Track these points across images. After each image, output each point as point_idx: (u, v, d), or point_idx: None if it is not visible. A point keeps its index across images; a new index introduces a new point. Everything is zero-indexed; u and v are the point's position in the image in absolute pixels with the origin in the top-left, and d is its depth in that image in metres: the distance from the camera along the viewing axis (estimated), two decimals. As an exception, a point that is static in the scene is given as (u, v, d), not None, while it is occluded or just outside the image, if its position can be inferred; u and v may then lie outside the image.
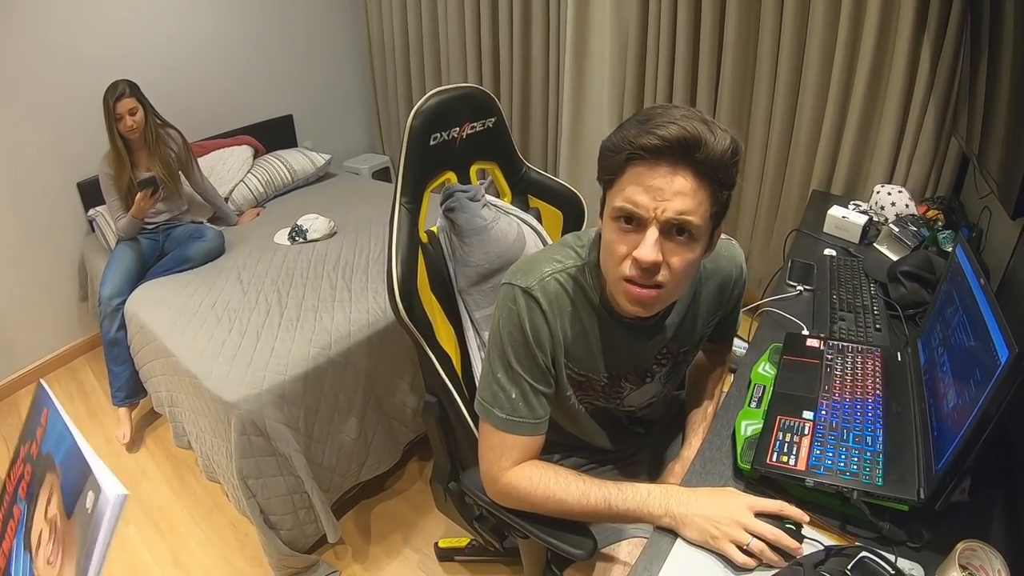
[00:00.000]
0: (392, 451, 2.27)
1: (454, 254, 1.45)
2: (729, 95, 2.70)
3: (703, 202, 0.93)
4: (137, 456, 2.61)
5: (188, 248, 2.75)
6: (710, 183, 0.93)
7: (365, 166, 4.21)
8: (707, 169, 0.91)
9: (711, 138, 0.89)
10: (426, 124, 1.34)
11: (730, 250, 1.24)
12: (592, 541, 1.12)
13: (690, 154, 0.90)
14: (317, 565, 2.05)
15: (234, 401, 1.89)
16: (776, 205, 2.82)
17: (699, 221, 0.93)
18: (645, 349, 1.19)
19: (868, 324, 1.53)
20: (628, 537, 1.20)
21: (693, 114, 0.91)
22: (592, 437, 1.33)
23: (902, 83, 2.28)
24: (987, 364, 0.93)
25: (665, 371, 1.25)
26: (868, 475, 1.03)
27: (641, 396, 1.27)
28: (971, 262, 1.15)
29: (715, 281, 1.22)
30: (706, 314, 1.24)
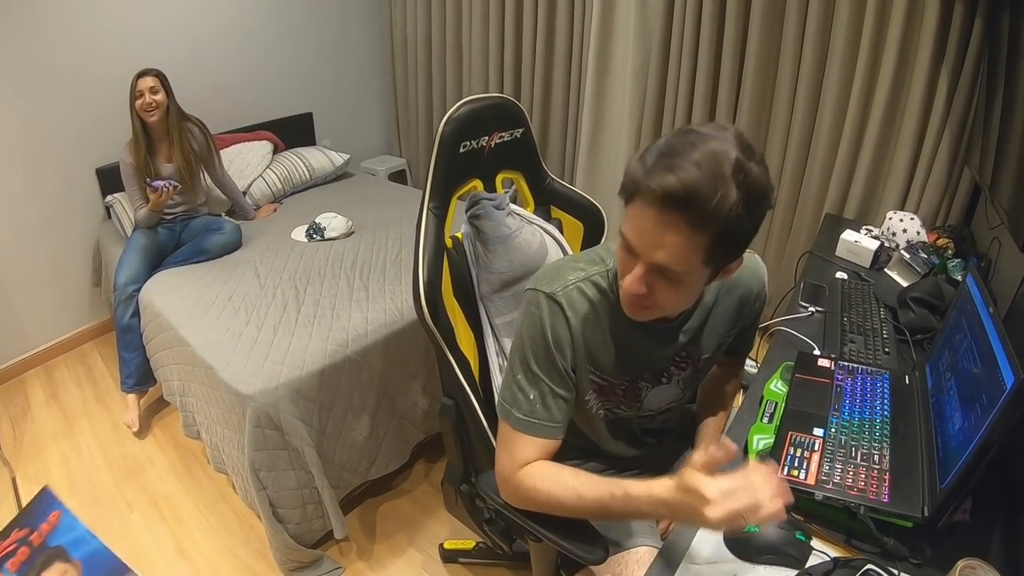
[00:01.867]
0: (401, 451, 2.28)
1: (478, 260, 1.48)
2: (748, 114, 2.73)
3: (693, 252, 0.91)
4: (144, 443, 2.63)
5: (205, 240, 2.77)
6: (707, 234, 0.89)
7: (382, 168, 4.24)
8: (702, 222, 0.88)
9: (711, 197, 0.85)
10: (457, 131, 1.37)
11: (753, 263, 1.26)
12: (604, 547, 1.15)
13: (678, 205, 0.87)
14: (321, 561, 2.06)
15: (250, 394, 1.91)
16: (789, 227, 2.85)
17: (682, 269, 0.92)
18: (663, 351, 1.21)
19: (877, 347, 1.56)
20: (638, 546, 1.23)
21: (712, 158, 0.86)
22: (605, 443, 1.35)
23: (918, 112, 2.31)
24: (993, 389, 0.97)
25: (684, 375, 1.26)
26: (875, 491, 1.07)
27: (659, 398, 1.27)
28: (981, 290, 1.19)
29: (737, 293, 1.23)
30: (725, 324, 1.25)
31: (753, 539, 1.04)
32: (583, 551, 1.14)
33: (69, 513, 0.86)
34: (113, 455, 2.56)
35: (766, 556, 1.02)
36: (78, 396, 2.93)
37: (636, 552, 1.22)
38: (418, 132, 4.25)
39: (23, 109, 2.80)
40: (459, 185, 1.44)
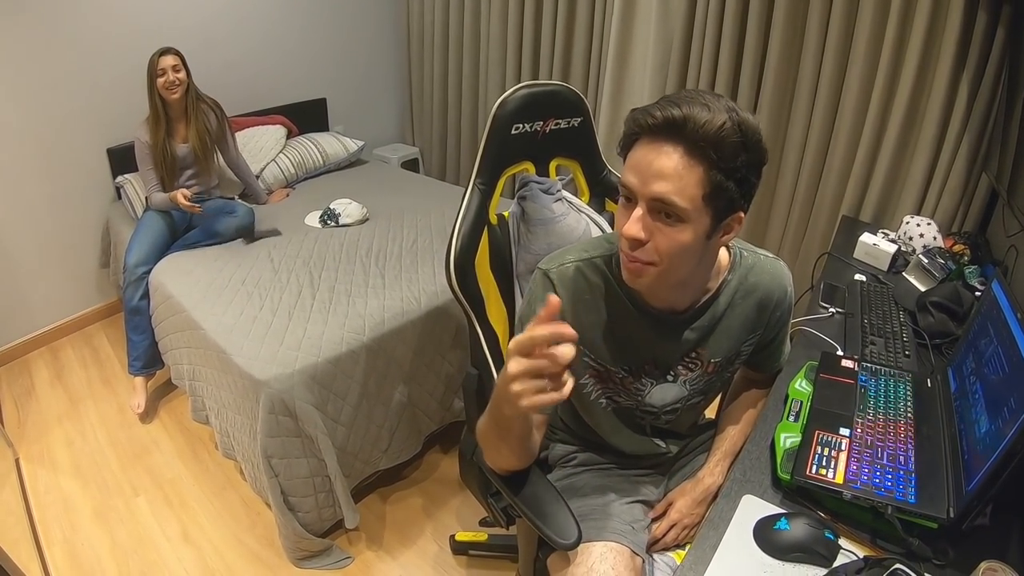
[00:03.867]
0: (414, 441, 2.28)
1: (519, 240, 1.49)
2: (767, 115, 2.73)
3: (692, 183, 0.93)
4: (150, 427, 2.63)
5: (218, 222, 2.76)
6: (702, 161, 0.92)
7: (394, 155, 4.24)
8: (697, 147, 0.92)
9: (702, 116, 0.90)
10: (511, 114, 1.39)
11: (776, 269, 1.25)
12: (578, 534, 1.14)
13: (679, 131, 0.92)
14: (331, 550, 2.06)
15: (265, 379, 1.90)
16: (804, 227, 2.84)
17: (683, 203, 0.94)
18: (669, 345, 1.21)
19: (898, 350, 1.56)
20: (607, 540, 1.22)
21: (700, 99, 0.93)
22: (608, 435, 1.35)
23: (938, 117, 2.31)
24: (1021, 394, 0.97)
25: (692, 376, 1.26)
26: (901, 492, 1.07)
27: (663, 395, 1.27)
28: (1008, 297, 1.19)
29: (755, 297, 1.23)
30: (742, 329, 1.24)
31: (782, 537, 1.04)
32: (555, 533, 1.14)
33: None
34: (118, 438, 2.56)
35: (795, 554, 1.02)
36: (83, 378, 2.92)
37: (604, 545, 1.22)
38: (432, 121, 4.23)
39: (35, 87, 2.78)
40: (509, 165, 1.46)
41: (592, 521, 1.27)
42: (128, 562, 2.04)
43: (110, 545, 2.10)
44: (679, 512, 1.29)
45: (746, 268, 1.22)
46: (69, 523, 2.18)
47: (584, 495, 1.35)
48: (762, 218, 2.99)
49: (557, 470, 1.44)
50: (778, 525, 1.05)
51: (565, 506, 1.18)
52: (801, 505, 1.12)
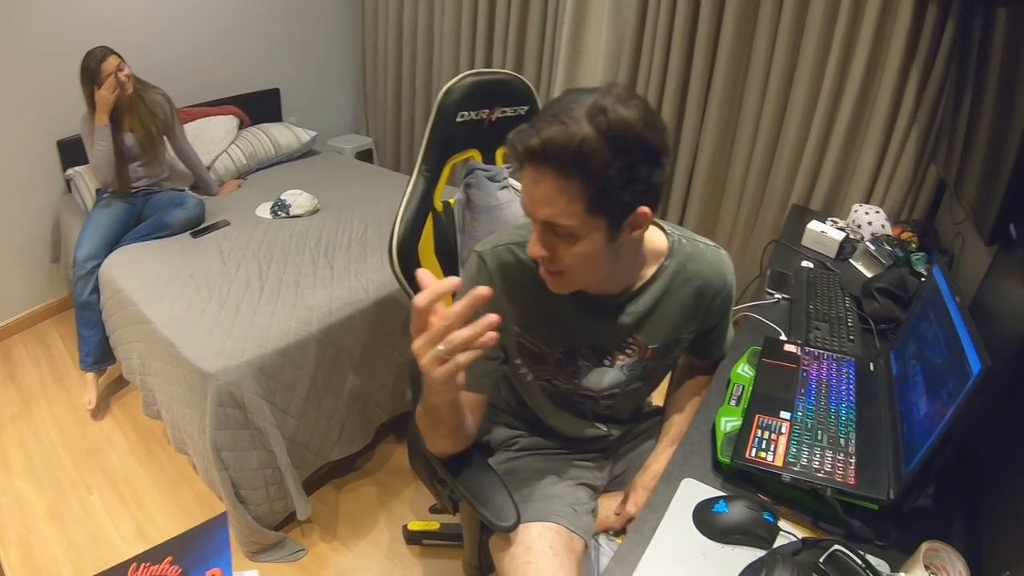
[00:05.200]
0: (365, 432, 2.28)
1: (464, 227, 1.50)
2: (718, 107, 2.75)
3: (570, 202, 0.93)
4: (103, 424, 2.58)
5: (168, 215, 2.72)
6: (576, 179, 0.92)
7: (349, 146, 4.20)
8: (564, 167, 0.92)
9: (559, 137, 0.90)
10: (456, 102, 1.40)
11: (716, 258, 1.26)
12: (516, 517, 1.16)
13: (543, 159, 0.92)
14: (284, 542, 2.05)
15: (213, 372, 1.87)
16: (755, 216, 2.87)
17: (567, 222, 0.95)
18: (604, 330, 1.21)
19: (842, 335, 1.58)
20: (546, 520, 1.23)
21: (565, 109, 0.91)
22: (548, 417, 1.36)
23: (887, 109, 2.35)
24: (959, 376, 0.99)
25: (629, 362, 1.26)
26: (841, 474, 1.08)
27: (599, 379, 1.27)
28: (948, 281, 1.21)
29: (694, 284, 1.23)
30: (680, 316, 1.25)
31: (721, 520, 1.04)
32: (493, 516, 1.16)
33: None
34: (72, 436, 2.51)
35: (734, 536, 1.03)
36: (36, 376, 2.85)
37: (543, 526, 1.23)
38: (386, 111, 4.20)
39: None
40: (455, 153, 1.47)
41: (532, 503, 1.28)
42: (83, 561, 2.01)
43: (65, 545, 2.06)
44: (636, 506, 1.28)
45: (684, 255, 1.22)
46: (24, 524, 2.14)
47: (525, 478, 1.35)
48: (713, 207, 3.01)
49: (500, 453, 1.45)
50: (717, 508, 1.06)
51: (504, 489, 1.20)
52: (742, 488, 1.13)
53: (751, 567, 0.92)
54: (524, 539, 1.20)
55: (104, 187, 2.76)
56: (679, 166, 2.98)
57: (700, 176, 2.92)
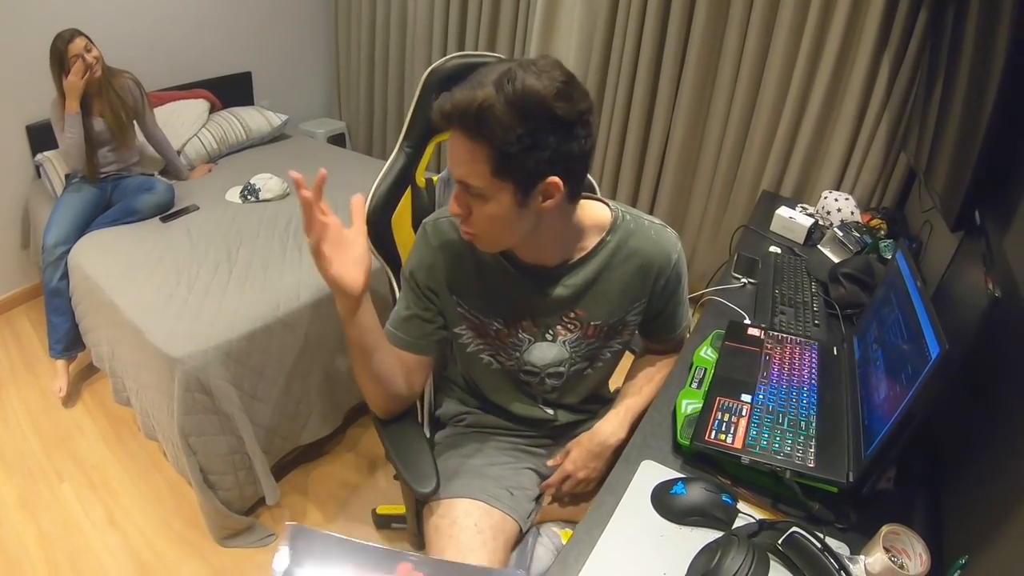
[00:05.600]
0: (334, 416, 2.27)
1: (441, 203, 1.51)
2: (690, 91, 2.75)
3: (477, 163, 0.98)
4: (73, 411, 2.55)
5: (137, 199, 2.68)
6: (482, 142, 0.97)
7: (321, 130, 4.16)
8: (470, 130, 0.97)
9: (465, 100, 0.95)
10: (439, 83, 1.40)
11: (660, 236, 1.24)
12: (435, 485, 1.19)
13: (455, 121, 0.97)
14: (254, 528, 2.04)
15: (179, 357, 1.86)
16: (726, 202, 2.89)
17: (475, 182, 1.00)
18: (542, 301, 1.22)
19: (807, 319, 1.60)
20: (474, 497, 1.25)
21: (479, 75, 0.97)
22: (493, 394, 1.37)
23: (859, 96, 2.37)
24: (918, 360, 0.99)
25: (572, 338, 1.26)
26: (801, 457, 1.09)
27: (542, 354, 1.27)
28: (910, 266, 1.22)
29: (635, 262, 1.22)
30: (622, 294, 1.24)
31: (679, 501, 1.05)
32: (412, 479, 1.20)
33: None
34: (42, 424, 2.48)
35: (693, 518, 1.03)
36: (6, 363, 2.81)
37: (471, 503, 1.25)
38: (359, 96, 4.17)
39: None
40: (438, 132, 1.46)
41: (465, 478, 1.29)
42: (55, 550, 2.00)
43: (36, 534, 2.04)
44: (573, 463, 1.29)
45: (627, 231, 1.22)
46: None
47: (465, 453, 1.37)
48: (684, 191, 3.02)
49: (448, 427, 1.47)
50: (675, 490, 1.06)
51: (431, 457, 1.24)
52: (702, 471, 1.13)
53: (707, 548, 0.92)
54: (450, 512, 1.24)
55: (73, 172, 2.71)
56: (650, 150, 2.99)
57: (672, 160, 2.93)
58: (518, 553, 1.27)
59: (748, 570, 0.85)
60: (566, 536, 1.28)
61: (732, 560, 0.86)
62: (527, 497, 1.32)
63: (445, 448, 1.41)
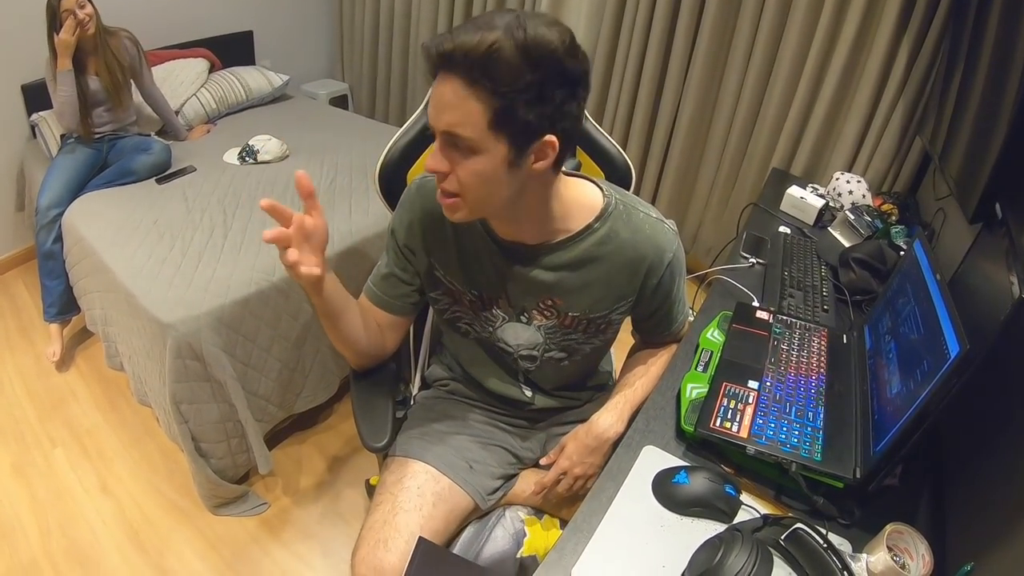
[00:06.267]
0: (328, 384, 2.25)
1: None
2: (702, 64, 2.69)
3: (473, 112, 0.90)
4: (67, 376, 2.53)
5: (133, 160, 2.62)
6: (482, 90, 0.88)
7: (323, 91, 4.10)
8: (471, 74, 0.88)
9: (470, 42, 0.86)
10: None
11: (656, 231, 1.15)
12: (387, 441, 1.22)
13: (452, 63, 0.89)
14: (246, 496, 2.03)
15: (171, 322, 1.82)
16: (735, 178, 2.85)
17: (467, 133, 0.91)
18: (519, 281, 1.16)
19: (816, 304, 1.56)
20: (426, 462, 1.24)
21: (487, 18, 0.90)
22: (470, 365, 1.35)
23: (876, 77, 2.31)
24: (935, 357, 0.95)
25: (547, 324, 1.20)
26: (807, 449, 1.06)
27: (515, 335, 1.23)
28: (929, 258, 1.17)
29: (625, 255, 1.13)
30: (607, 291, 1.17)
31: (682, 491, 1.02)
32: (365, 432, 1.22)
33: None
34: (36, 389, 2.46)
35: (694, 509, 1.00)
36: (0, 327, 2.78)
37: (423, 466, 1.23)
38: (363, 56, 4.09)
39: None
40: None
41: (425, 441, 1.28)
42: (47, 516, 1.99)
43: (29, 500, 2.03)
44: (568, 459, 1.21)
45: (619, 220, 1.13)
46: (-13, 481, 2.11)
47: (434, 418, 1.35)
48: (692, 166, 2.98)
49: (432, 390, 1.45)
50: (677, 479, 1.03)
51: (391, 415, 1.25)
52: (705, 457, 1.10)
53: (709, 543, 0.89)
54: (400, 470, 1.23)
55: (68, 133, 2.65)
56: (659, 122, 2.94)
57: (680, 133, 2.88)
58: (475, 530, 1.25)
59: (752, 569, 0.82)
60: (529, 523, 1.26)
61: (736, 558, 0.83)
62: (490, 474, 1.28)
63: (420, 409, 1.39)
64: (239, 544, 1.94)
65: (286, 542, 1.96)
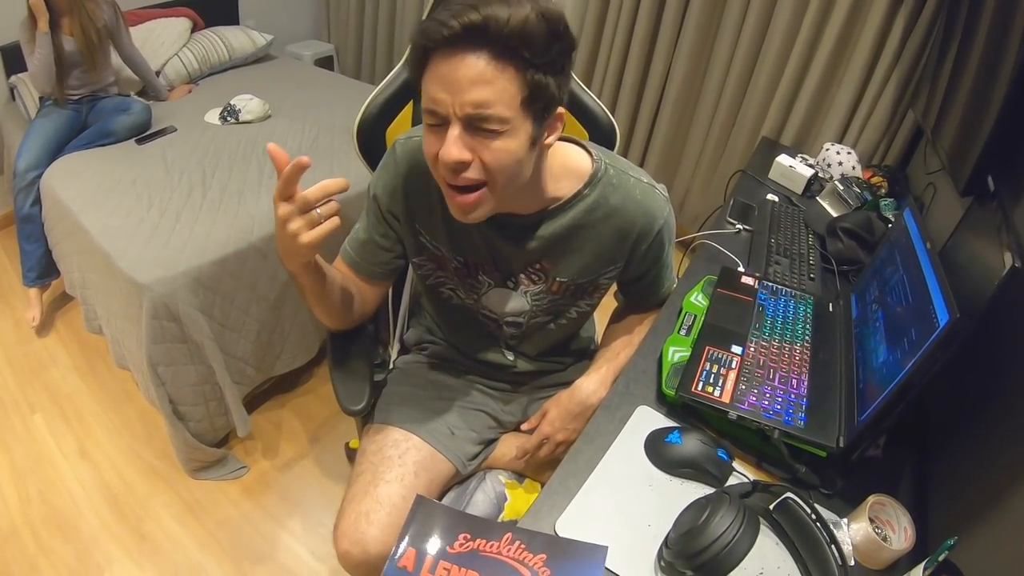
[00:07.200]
0: (309, 346, 2.24)
1: None
2: (694, 28, 2.66)
3: (507, 88, 0.85)
4: (47, 340, 2.50)
5: (112, 121, 2.57)
6: (514, 62, 0.84)
7: (308, 52, 4.02)
8: (507, 49, 0.83)
9: (502, 13, 0.81)
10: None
11: (647, 195, 1.12)
12: (363, 405, 1.19)
13: (482, 36, 0.82)
14: (226, 460, 2.02)
15: (147, 283, 1.80)
16: (724, 145, 2.83)
17: (504, 111, 0.86)
18: (508, 249, 1.12)
19: (803, 272, 1.54)
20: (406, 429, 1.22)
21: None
22: (452, 330, 1.33)
23: (870, 49, 2.28)
24: (924, 326, 0.94)
25: (535, 290, 1.18)
26: (790, 416, 1.04)
27: (502, 302, 1.20)
28: (920, 227, 1.15)
29: (615, 222, 1.11)
30: (596, 256, 1.14)
31: (674, 450, 1.01)
32: (342, 395, 1.20)
33: None
34: (15, 354, 2.43)
35: (685, 470, 1.00)
36: (-20, 291, 2.74)
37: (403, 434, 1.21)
38: (348, 17, 4.01)
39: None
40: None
41: (407, 407, 1.26)
42: (26, 483, 1.97)
43: (8, 466, 2.01)
44: (551, 424, 1.20)
45: (609, 186, 1.10)
46: (-34, 448, 2.08)
47: (416, 383, 1.32)
48: (681, 132, 2.96)
49: (411, 354, 1.42)
50: (670, 438, 1.02)
51: (368, 377, 1.23)
52: (687, 423, 1.09)
53: (696, 503, 0.88)
54: (380, 438, 1.21)
55: (47, 95, 2.59)
56: (648, 87, 2.90)
57: (670, 99, 2.86)
58: (456, 494, 1.24)
59: (738, 531, 0.81)
60: (510, 487, 1.25)
61: (721, 518, 0.82)
62: (471, 439, 1.27)
63: (400, 374, 1.36)
64: (218, 508, 1.94)
65: (265, 506, 1.96)
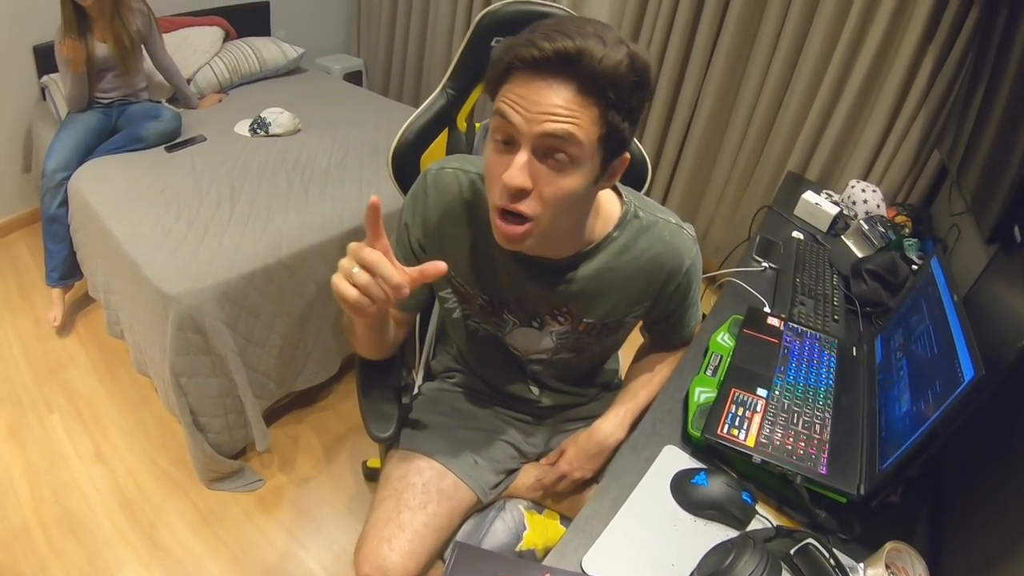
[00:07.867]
0: (330, 363, 2.24)
1: (477, 151, 1.45)
2: (724, 61, 2.67)
3: (588, 123, 0.84)
4: (67, 341, 2.51)
5: (142, 127, 2.60)
6: (598, 100, 0.83)
7: (337, 66, 4.06)
8: (594, 84, 0.82)
9: (598, 50, 0.80)
10: (492, 26, 1.33)
11: (675, 236, 1.12)
12: (391, 433, 1.21)
13: (572, 67, 0.81)
14: (242, 472, 2.03)
15: (174, 294, 1.81)
16: (749, 178, 2.83)
17: (580, 145, 0.84)
18: (536, 291, 1.11)
19: (827, 313, 1.54)
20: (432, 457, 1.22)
21: (591, 29, 0.82)
22: (478, 363, 1.32)
23: (898, 87, 2.29)
24: (949, 379, 0.94)
25: (560, 330, 1.17)
26: (813, 462, 1.05)
27: (527, 341, 1.20)
28: (947, 276, 1.16)
29: (644, 263, 1.11)
30: (623, 297, 1.14)
31: (699, 492, 1.02)
32: (370, 422, 1.22)
33: None
34: (34, 352, 2.44)
35: (709, 512, 1.00)
36: (1, 289, 2.76)
37: (428, 462, 1.21)
38: (379, 32, 4.05)
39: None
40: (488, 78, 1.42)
41: (432, 435, 1.26)
42: (40, 482, 1.98)
43: (23, 464, 2.02)
44: (568, 463, 1.22)
45: (638, 229, 1.10)
46: (-18, 444, 2.10)
47: (442, 411, 1.33)
48: (707, 164, 2.96)
49: (437, 381, 1.42)
50: (696, 479, 1.03)
51: (398, 406, 1.25)
52: (712, 464, 1.09)
53: (720, 546, 0.89)
54: (404, 466, 1.21)
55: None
56: (675, 119, 2.91)
57: (697, 130, 2.86)
58: (475, 523, 1.24)
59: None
60: (530, 516, 1.25)
61: (745, 563, 0.82)
62: (494, 469, 1.27)
63: (427, 401, 1.36)
64: (232, 519, 1.94)
65: (280, 519, 1.96)
